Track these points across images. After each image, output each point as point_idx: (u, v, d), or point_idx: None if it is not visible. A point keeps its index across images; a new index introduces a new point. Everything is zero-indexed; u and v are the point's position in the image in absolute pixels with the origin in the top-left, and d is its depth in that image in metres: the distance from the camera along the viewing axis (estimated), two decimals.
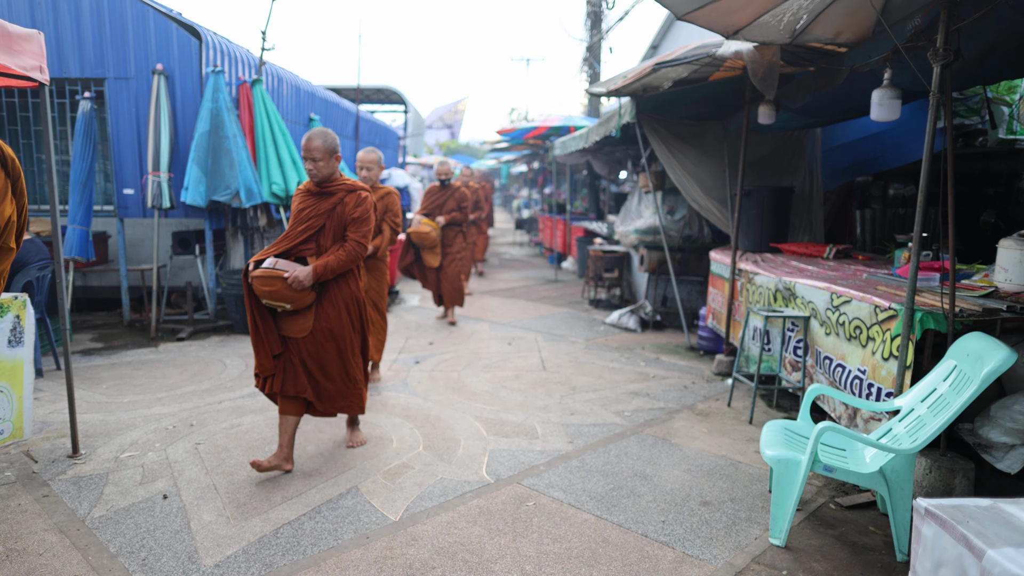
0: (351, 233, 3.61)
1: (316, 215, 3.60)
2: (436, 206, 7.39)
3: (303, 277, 3.44)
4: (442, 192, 7.49)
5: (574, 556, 2.83)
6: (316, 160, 3.55)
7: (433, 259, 7.22)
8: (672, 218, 7.76)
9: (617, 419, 4.49)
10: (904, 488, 2.84)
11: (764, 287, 4.89)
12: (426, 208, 7.37)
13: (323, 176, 3.58)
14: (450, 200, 7.42)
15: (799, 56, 4.63)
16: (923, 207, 3.23)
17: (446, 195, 7.45)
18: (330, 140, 3.57)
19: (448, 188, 7.47)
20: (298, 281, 3.43)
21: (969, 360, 2.83)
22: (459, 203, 7.65)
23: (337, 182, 3.65)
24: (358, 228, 3.62)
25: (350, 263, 3.60)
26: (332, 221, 3.61)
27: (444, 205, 7.43)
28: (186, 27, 6.80)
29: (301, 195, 3.69)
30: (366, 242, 3.63)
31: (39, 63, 3.54)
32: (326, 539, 2.94)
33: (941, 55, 3.08)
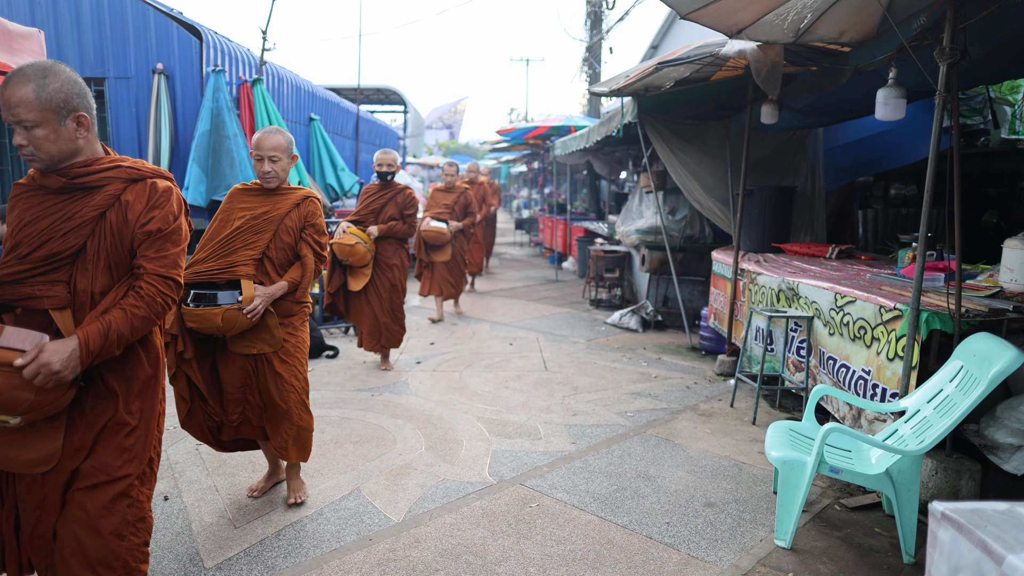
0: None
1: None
2: (371, 211, 5.38)
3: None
4: (382, 192, 5.43)
5: (578, 558, 2.81)
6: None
7: (357, 282, 5.28)
8: (673, 218, 7.74)
9: (620, 420, 4.47)
10: (911, 489, 2.82)
11: (767, 287, 4.87)
12: (358, 212, 5.41)
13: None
14: (390, 205, 5.38)
15: (802, 56, 4.61)
16: (929, 207, 3.21)
17: (386, 196, 5.40)
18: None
19: (391, 187, 5.43)
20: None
21: (976, 361, 2.81)
22: (451, 206, 7.34)
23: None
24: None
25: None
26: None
27: (383, 211, 5.38)
28: (187, 26, 6.78)
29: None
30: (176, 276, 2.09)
31: None
32: (328, 541, 2.92)
33: (948, 54, 3.06)
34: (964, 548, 1.24)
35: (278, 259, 3.08)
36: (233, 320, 2.87)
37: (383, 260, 5.35)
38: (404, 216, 5.38)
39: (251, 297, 2.89)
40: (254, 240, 3.02)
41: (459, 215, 7.56)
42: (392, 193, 5.40)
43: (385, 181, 5.40)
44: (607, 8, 16.11)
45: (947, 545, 1.29)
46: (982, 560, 1.19)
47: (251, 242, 3.02)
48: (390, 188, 5.41)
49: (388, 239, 5.34)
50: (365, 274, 5.23)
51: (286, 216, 3.09)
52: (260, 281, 3.02)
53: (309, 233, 3.16)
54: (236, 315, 2.86)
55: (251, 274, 2.97)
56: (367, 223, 5.32)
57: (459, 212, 7.54)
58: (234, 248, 2.99)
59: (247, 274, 2.94)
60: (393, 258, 5.36)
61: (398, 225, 5.31)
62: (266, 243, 3.03)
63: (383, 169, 5.32)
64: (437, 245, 7.27)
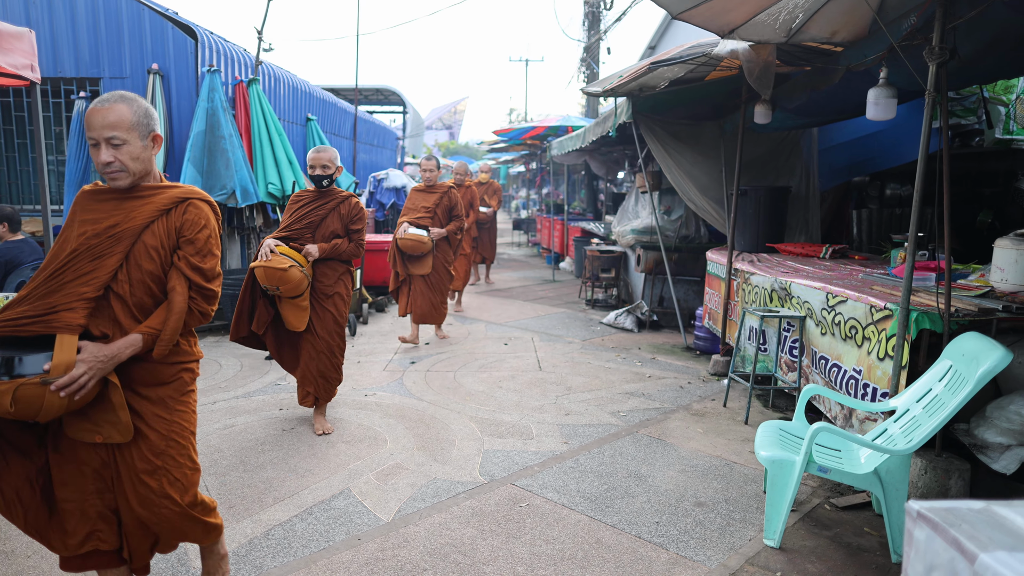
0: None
1: None
2: (307, 225, 4.15)
3: None
4: (320, 202, 4.19)
5: (567, 557, 2.81)
6: None
7: (297, 317, 4.04)
8: (669, 218, 7.74)
9: (612, 419, 4.47)
10: (899, 489, 2.82)
11: (760, 287, 4.87)
12: (289, 227, 4.13)
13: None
14: (331, 217, 4.19)
15: (795, 55, 4.61)
16: (919, 207, 3.21)
17: (326, 207, 4.17)
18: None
19: (331, 195, 4.20)
20: None
21: (965, 360, 2.81)
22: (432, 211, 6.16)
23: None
24: None
25: None
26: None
27: (322, 225, 4.16)
28: (182, 26, 6.78)
29: None
30: None
31: (30, 61, 3.52)
32: (317, 541, 2.92)
33: (937, 53, 3.06)
34: (938, 547, 1.24)
35: (135, 298, 2.09)
36: (34, 400, 1.86)
37: (322, 289, 4.12)
38: (350, 232, 4.18)
39: (67, 363, 1.90)
40: (89, 270, 2.03)
41: (442, 220, 6.26)
42: (333, 202, 4.15)
43: (321, 187, 4.15)
44: (605, 8, 16.12)
45: (922, 544, 1.29)
46: (956, 559, 1.19)
47: (85, 273, 2.02)
48: (330, 196, 4.17)
49: (329, 261, 4.15)
50: (303, 307, 4.01)
51: (144, 229, 2.09)
52: (104, 333, 2.05)
53: (185, 255, 2.12)
54: (39, 392, 1.86)
55: (79, 324, 1.97)
56: (302, 240, 4.09)
57: (442, 216, 6.25)
58: (62, 283, 2.00)
59: (70, 324, 1.95)
60: (336, 285, 4.18)
61: (343, 243, 4.14)
62: (109, 274, 2.04)
63: (317, 172, 4.08)
64: (416, 256, 6.05)
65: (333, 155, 4.16)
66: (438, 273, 6.25)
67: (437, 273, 6.24)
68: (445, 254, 6.34)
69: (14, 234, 5.13)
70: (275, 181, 7.01)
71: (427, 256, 6.09)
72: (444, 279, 6.30)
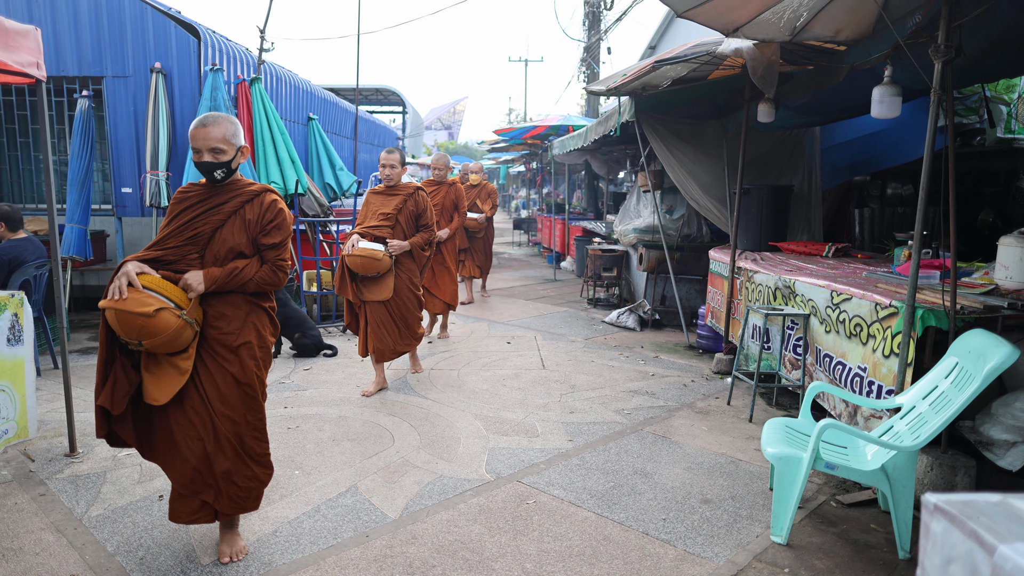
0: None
1: None
2: (173, 246, 2.73)
3: None
4: (205, 203, 2.74)
5: (575, 554, 2.82)
6: None
7: (160, 383, 2.61)
8: (671, 217, 7.75)
9: (617, 417, 4.48)
10: (906, 486, 2.83)
11: (764, 285, 4.88)
12: (153, 243, 2.74)
13: None
14: (234, 225, 2.74)
15: (799, 54, 4.62)
16: (924, 204, 3.22)
17: (216, 213, 2.73)
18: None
19: (229, 192, 2.75)
20: None
21: (971, 357, 2.82)
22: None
23: None
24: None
25: None
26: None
27: (215, 240, 2.73)
28: (184, 25, 6.78)
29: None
30: None
31: (36, 59, 3.52)
32: (325, 537, 2.93)
33: (943, 51, 3.07)
34: (956, 539, 1.25)
35: None
36: None
37: (219, 338, 2.72)
38: (262, 248, 2.76)
39: None
40: None
41: (406, 230, 4.86)
42: (233, 203, 2.72)
43: (214, 181, 2.71)
44: (605, 8, 16.13)
45: (939, 536, 1.30)
46: (974, 550, 1.20)
47: None
48: (228, 194, 2.73)
49: (229, 297, 2.74)
50: (181, 368, 2.62)
51: None
52: None
53: None
54: None
55: None
56: (184, 263, 2.69)
57: (406, 225, 4.85)
58: None
59: None
60: (243, 332, 2.78)
61: (248, 267, 2.74)
62: None
63: (205, 158, 2.64)
64: (369, 277, 4.73)
65: (228, 130, 2.66)
66: (401, 298, 4.86)
67: (400, 298, 4.86)
68: (410, 273, 4.90)
69: (14, 233, 5.13)
70: (278, 180, 7.01)
71: (385, 277, 4.75)
72: (411, 305, 4.92)
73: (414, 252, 4.90)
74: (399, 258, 4.83)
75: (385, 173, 4.83)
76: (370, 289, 4.78)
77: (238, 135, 2.73)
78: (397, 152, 4.88)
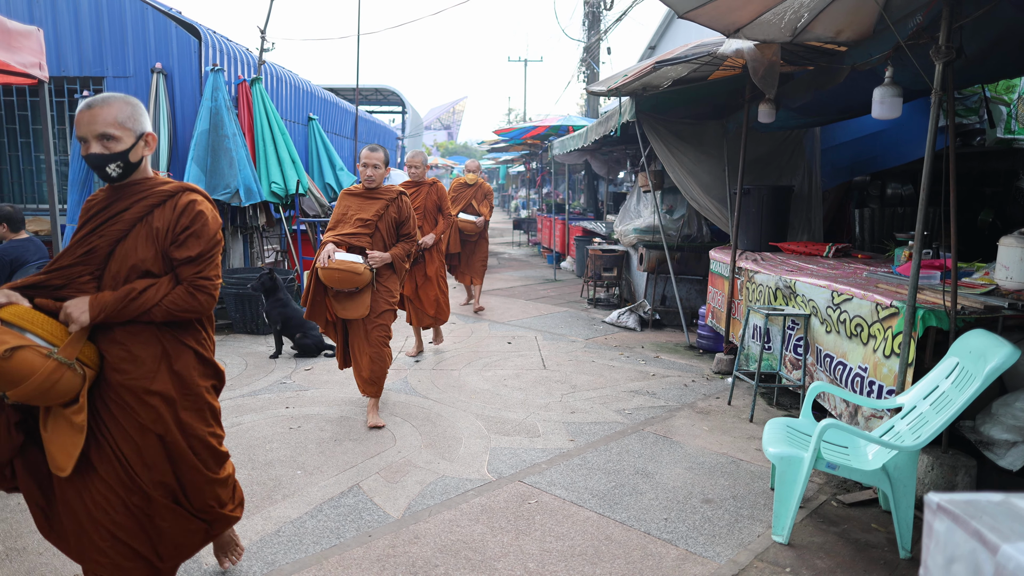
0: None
1: None
2: (62, 268, 2.15)
3: None
4: (105, 212, 2.17)
5: (577, 554, 2.83)
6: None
7: (62, 445, 2.05)
8: (671, 217, 7.76)
9: (618, 417, 4.49)
10: (907, 485, 2.84)
11: (764, 285, 4.89)
12: (47, 267, 2.17)
13: None
14: (140, 235, 2.15)
15: (799, 55, 4.63)
16: (925, 205, 3.23)
17: (117, 222, 2.15)
18: None
19: (134, 194, 2.16)
20: None
21: (972, 357, 2.83)
22: None
23: None
24: None
25: None
26: None
27: (115, 256, 2.15)
28: (185, 26, 6.78)
29: None
30: None
31: (38, 60, 3.53)
32: (328, 537, 2.94)
33: (944, 52, 3.08)
34: (959, 538, 1.26)
35: None
36: None
37: (126, 384, 2.14)
38: (176, 265, 2.16)
39: None
40: None
41: (386, 238, 4.26)
42: (139, 208, 2.17)
43: (112, 181, 2.15)
44: (605, 8, 16.14)
45: (942, 536, 1.31)
46: (977, 550, 1.21)
47: None
48: (132, 197, 2.17)
49: (131, 328, 2.14)
50: (76, 425, 2.05)
51: None
52: None
53: None
54: None
55: None
56: (73, 287, 2.11)
57: (386, 233, 4.26)
58: None
59: None
60: (158, 377, 2.18)
61: (156, 290, 2.14)
62: None
63: (94, 149, 2.08)
64: (344, 292, 4.15)
65: (123, 111, 2.08)
66: (379, 316, 4.23)
67: (378, 316, 4.22)
68: (390, 286, 4.29)
69: (16, 233, 5.12)
70: (278, 180, 7.03)
71: (363, 292, 4.14)
72: (388, 323, 4.31)
73: (396, 264, 4.31)
74: (378, 271, 4.23)
75: (367, 174, 4.20)
76: (344, 306, 4.16)
77: (138, 118, 2.13)
78: (381, 150, 4.26)
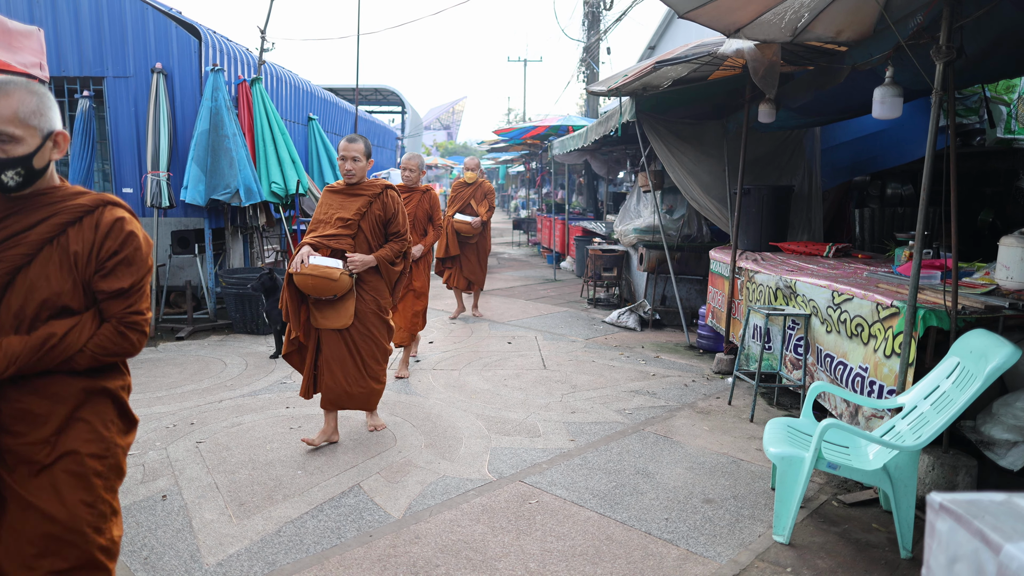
0: None
1: None
2: None
3: None
4: None
5: (578, 554, 2.83)
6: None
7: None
8: (671, 217, 7.76)
9: (618, 417, 4.49)
10: (908, 485, 2.84)
11: (764, 285, 4.89)
12: None
13: None
14: (46, 259, 1.74)
15: (800, 55, 4.63)
16: (926, 205, 3.23)
17: (19, 245, 1.74)
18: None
19: (34, 206, 1.75)
20: None
21: (972, 357, 2.83)
22: None
23: None
24: None
25: None
26: None
27: (11, 291, 1.73)
28: (185, 26, 6.78)
29: None
30: None
31: (39, 60, 3.53)
32: (329, 537, 2.93)
33: (944, 52, 3.08)
34: (962, 538, 1.26)
35: None
36: None
37: (21, 452, 1.75)
38: (99, 296, 1.82)
39: None
40: None
41: (371, 239, 3.83)
42: (46, 226, 1.79)
43: (7, 191, 1.74)
44: (604, 8, 16.14)
45: (945, 535, 1.31)
46: (980, 550, 1.21)
47: None
48: (32, 210, 1.77)
49: (35, 382, 1.74)
50: None
51: None
52: None
53: None
54: None
55: None
56: None
57: (371, 233, 3.82)
58: None
59: None
60: (68, 435, 1.80)
61: (67, 333, 1.76)
62: None
63: None
64: (323, 300, 3.74)
65: (25, 104, 1.68)
66: (364, 325, 3.82)
67: (363, 325, 3.82)
68: (376, 294, 3.86)
69: None
70: (278, 180, 7.03)
71: (344, 300, 3.74)
72: (376, 334, 3.87)
73: (382, 268, 3.83)
74: (362, 275, 3.79)
75: (345, 167, 3.76)
76: (324, 314, 3.74)
77: (44, 113, 1.69)
78: (360, 140, 3.78)
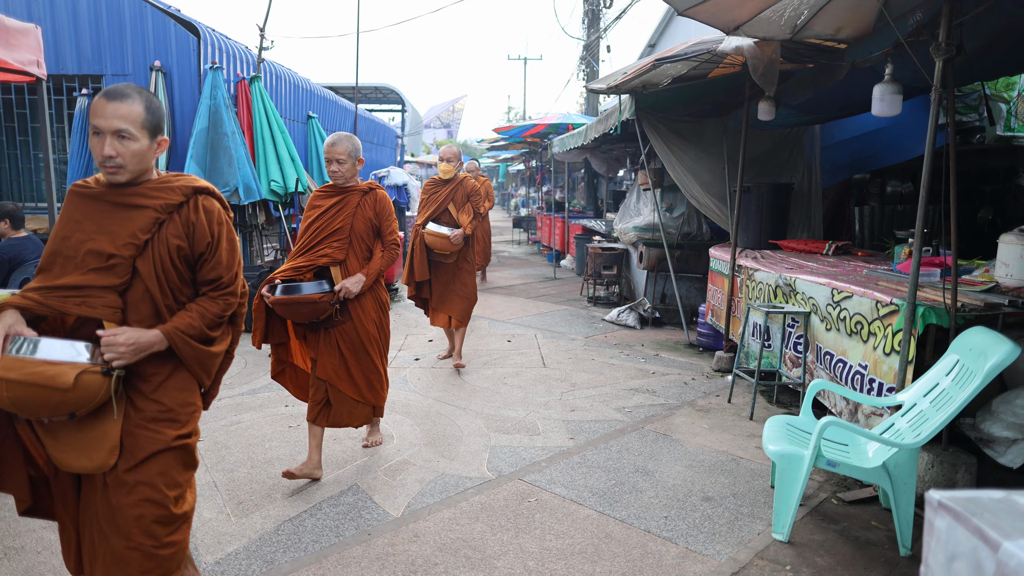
0: None
1: None
2: None
3: None
4: None
5: (577, 552, 2.83)
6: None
7: None
8: (671, 215, 7.76)
9: (618, 415, 4.49)
10: (907, 483, 2.83)
11: (764, 283, 4.88)
12: None
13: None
14: None
15: (799, 52, 4.62)
16: (925, 202, 3.22)
17: None
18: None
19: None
20: None
21: (972, 355, 2.83)
22: None
23: None
24: None
25: None
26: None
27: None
28: (184, 24, 6.77)
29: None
30: None
31: (36, 57, 3.52)
32: (327, 536, 2.93)
33: (944, 49, 3.07)
34: (960, 536, 1.25)
35: None
36: None
37: None
38: None
39: None
40: None
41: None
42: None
43: None
44: (604, 7, 16.12)
45: (944, 533, 1.30)
46: (978, 547, 1.20)
47: None
48: None
49: None
50: None
51: None
52: None
53: None
54: None
55: None
56: None
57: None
58: None
59: None
60: None
61: None
62: None
63: None
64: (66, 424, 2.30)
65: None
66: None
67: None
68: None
69: (17, 231, 5.11)
70: (277, 178, 7.01)
71: (97, 423, 2.64)
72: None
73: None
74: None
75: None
76: (69, 443, 2.61)
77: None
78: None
